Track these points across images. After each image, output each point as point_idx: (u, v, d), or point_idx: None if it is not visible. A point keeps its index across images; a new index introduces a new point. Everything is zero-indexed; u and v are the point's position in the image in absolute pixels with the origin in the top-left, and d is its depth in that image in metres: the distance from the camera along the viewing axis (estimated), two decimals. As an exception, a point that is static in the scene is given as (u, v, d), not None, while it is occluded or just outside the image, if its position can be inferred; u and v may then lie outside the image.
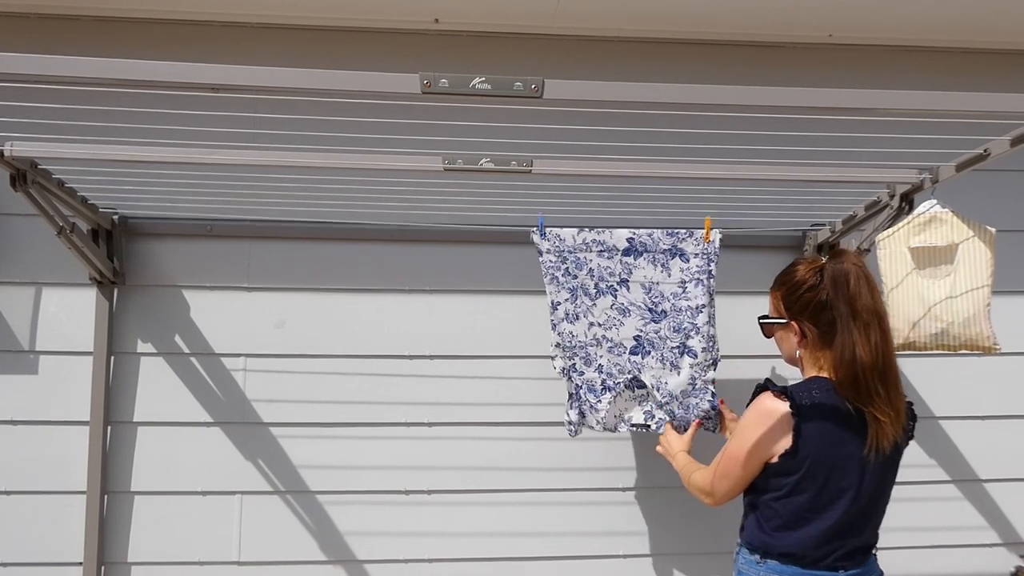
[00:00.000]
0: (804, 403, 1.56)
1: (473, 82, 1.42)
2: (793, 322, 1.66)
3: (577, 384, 2.21)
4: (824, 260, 1.65)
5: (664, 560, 2.49)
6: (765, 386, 1.66)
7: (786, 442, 1.56)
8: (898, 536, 2.55)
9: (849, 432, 1.57)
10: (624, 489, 2.49)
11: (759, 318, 1.81)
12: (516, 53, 2.54)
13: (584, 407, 2.22)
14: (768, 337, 1.79)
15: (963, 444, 2.60)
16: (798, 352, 1.69)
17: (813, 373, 1.66)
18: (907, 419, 1.68)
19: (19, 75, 1.36)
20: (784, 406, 1.57)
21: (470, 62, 2.50)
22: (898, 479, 2.55)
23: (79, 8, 2.41)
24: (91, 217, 2.23)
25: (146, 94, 1.57)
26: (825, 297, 1.59)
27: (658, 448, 2.12)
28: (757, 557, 1.62)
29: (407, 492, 2.45)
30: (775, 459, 1.58)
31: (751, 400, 1.68)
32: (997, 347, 1.90)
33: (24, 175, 1.88)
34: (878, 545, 1.70)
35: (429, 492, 2.46)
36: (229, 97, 1.46)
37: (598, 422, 2.20)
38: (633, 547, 2.48)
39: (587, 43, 2.56)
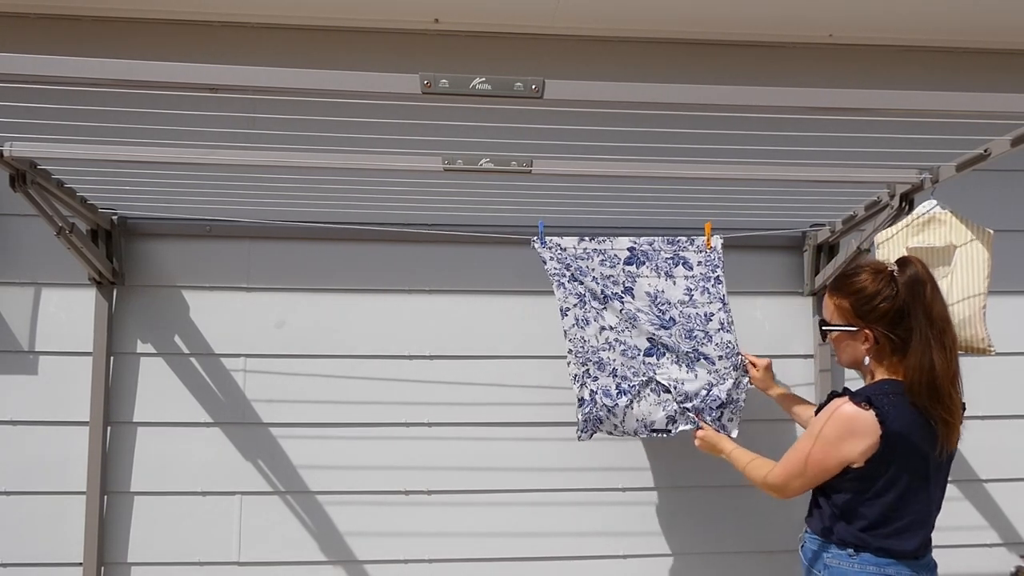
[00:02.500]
0: (887, 410, 1.60)
1: (473, 82, 1.41)
2: (867, 330, 1.68)
3: (592, 390, 2.15)
4: (889, 266, 1.68)
5: (664, 560, 2.49)
6: (842, 394, 1.69)
7: (872, 448, 1.60)
8: (898, 536, 2.55)
9: (922, 433, 1.62)
10: (624, 489, 2.49)
11: (820, 323, 1.81)
12: (516, 53, 2.53)
13: (601, 412, 2.16)
14: (825, 341, 1.81)
15: (963, 444, 2.56)
16: (867, 359, 1.71)
17: (882, 376, 1.69)
18: None
19: (19, 75, 1.37)
20: (869, 415, 1.60)
21: (470, 62, 2.50)
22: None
23: (79, 8, 2.40)
24: (90, 217, 2.23)
25: (145, 94, 1.56)
26: (903, 306, 1.63)
27: (698, 443, 2.10)
28: (851, 551, 1.65)
29: (407, 492, 2.45)
30: (861, 464, 1.62)
31: (824, 405, 1.72)
32: (992, 349, 1.91)
33: (24, 175, 1.88)
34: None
35: (429, 492, 2.46)
36: (229, 97, 1.46)
37: (616, 427, 2.15)
38: (633, 547, 2.48)
39: (587, 43, 2.56)
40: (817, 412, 1.76)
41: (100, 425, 2.33)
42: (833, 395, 1.73)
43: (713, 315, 2.19)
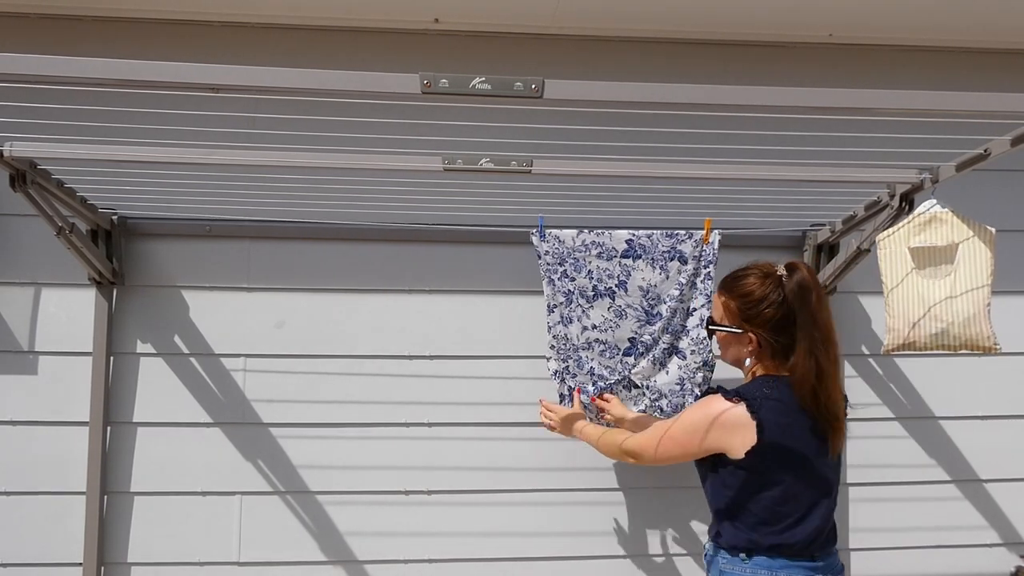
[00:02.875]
0: (760, 403, 1.60)
1: (473, 82, 1.41)
2: (751, 334, 1.67)
3: (570, 386, 2.22)
4: (776, 269, 1.67)
5: (664, 560, 2.49)
6: (717, 389, 1.68)
7: (748, 443, 1.59)
8: (898, 536, 2.55)
9: (803, 431, 1.61)
10: (623, 489, 2.49)
11: (707, 323, 1.81)
12: (516, 53, 2.53)
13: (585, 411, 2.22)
14: (710, 338, 1.81)
15: (963, 444, 2.60)
16: (748, 360, 1.71)
17: (761, 374, 1.69)
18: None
19: (19, 75, 1.36)
20: (739, 408, 1.60)
21: (470, 62, 2.50)
22: (898, 479, 2.58)
23: (79, 8, 2.40)
24: (90, 217, 2.23)
25: (146, 94, 1.56)
26: (788, 313, 1.62)
27: (545, 421, 2.15)
28: (743, 556, 1.63)
29: (407, 492, 2.45)
30: (741, 457, 1.60)
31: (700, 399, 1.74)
32: (997, 347, 1.90)
33: (23, 175, 1.88)
34: (878, 544, 1.73)
35: (429, 492, 2.46)
36: (229, 97, 1.46)
37: (591, 420, 2.21)
38: (633, 547, 2.48)
39: (587, 43, 2.56)
40: None
41: (100, 425, 2.33)
42: (708, 391, 1.72)
43: (695, 310, 2.21)
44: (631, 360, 2.22)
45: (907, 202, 2.05)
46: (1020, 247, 2.60)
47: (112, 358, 2.39)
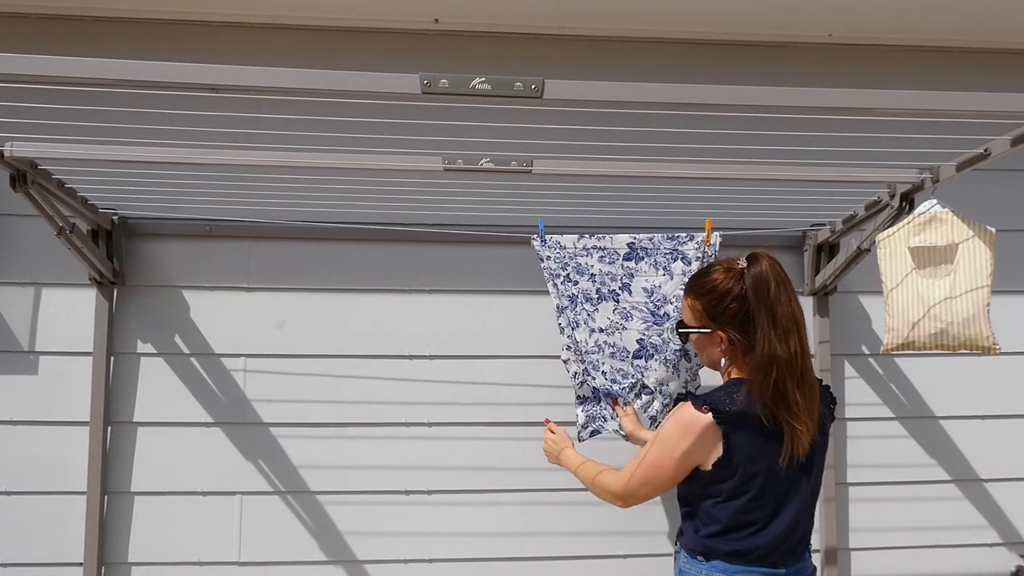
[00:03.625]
0: (728, 411, 1.55)
1: (473, 82, 1.41)
2: (719, 332, 1.63)
3: (594, 388, 2.20)
4: (740, 264, 1.62)
5: (664, 561, 2.49)
6: (686, 398, 1.65)
7: (717, 451, 1.56)
8: (898, 536, 2.55)
9: (770, 435, 1.56)
10: (624, 489, 2.49)
11: (677, 326, 1.76)
12: (516, 53, 2.54)
13: (606, 412, 2.20)
14: (685, 343, 1.77)
15: (963, 444, 2.60)
16: (723, 360, 1.67)
17: (735, 376, 1.64)
18: (828, 403, 1.70)
19: (19, 75, 1.37)
20: (707, 417, 1.55)
21: (470, 62, 2.50)
22: (898, 479, 2.58)
23: (79, 8, 2.41)
24: (91, 217, 2.23)
25: (146, 94, 1.57)
26: (751, 306, 1.57)
27: (545, 447, 2.04)
28: (700, 558, 1.61)
29: (407, 492, 2.45)
30: (708, 468, 1.57)
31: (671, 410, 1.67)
32: (996, 347, 1.90)
33: (24, 175, 1.88)
34: (878, 544, 1.70)
35: (429, 492, 2.46)
36: (229, 97, 1.46)
37: (616, 430, 2.19)
38: (633, 547, 2.48)
39: (587, 43, 2.56)
40: None
41: (100, 425, 2.33)
42: (679, 399, 1.68)
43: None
44: (642, 363, 2.20)
45: (907, 202, 2.05)
46: (1020, 247, 2.60)
47: (112, 358, 2.39)
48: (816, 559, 2.49)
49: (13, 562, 2.33)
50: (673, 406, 1.68)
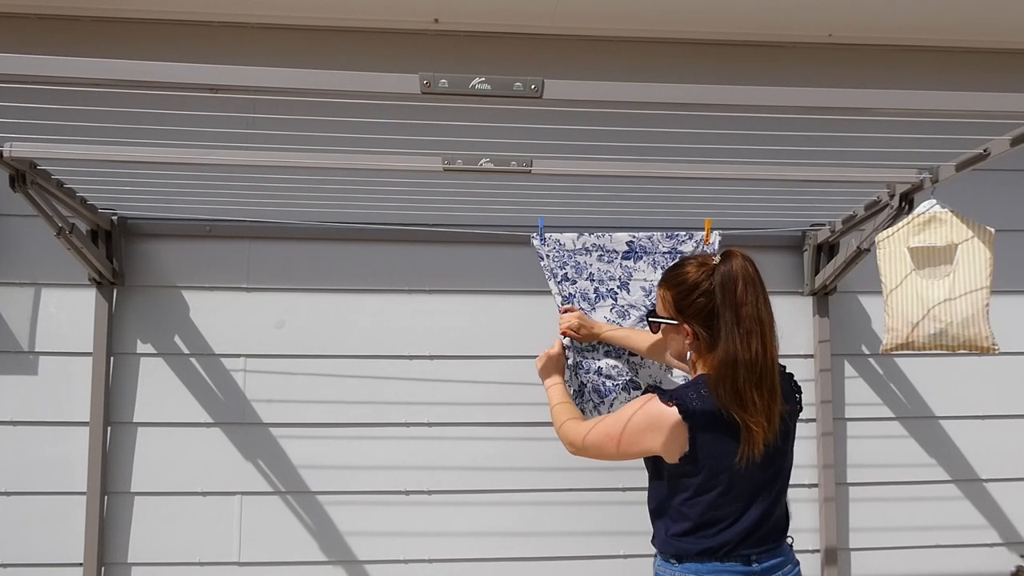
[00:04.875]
0: (694, 408, 1.54)
1: (473, 82, 1.41)
2: (685, 325, 1.63)
3: (582, 382, 2.21)
4: (715, 260, 1.61)
5: (664, 560, 2.49)
6: (654, 389, 1.63)
7: (682, 447, 1.55)
8: (898, 536, 2.55)
9: (734, 432, 1.55)
10: (624, 489, 2.49)
11: (647, 315, 1.77)
12: (516, 53, 2.53)
13: (587, 406, 2.22)
14: (655, 332, 1.77)
15: (963, 444, 2.59)
16: (689, 353, 1.66)
17: (702, 372, 1.63)
18: (793, 396, 1.67)
19: (19, 75, 1.36)
20: (673, 412, 1.54)
21: (470, 62, 2.50)
22: (899, 479, 2.58)
23: (79, 8, 2.40)
24: (90, 218, 2.23)
25: (145, 94, 1.57)
26: (716, 302, 1.56)
27: (537, 363, 2.02)
28: (673, 561, 1.60)
29: (407, 492, 2.45)
30: (675, 461, 1.57)
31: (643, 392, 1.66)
32: (996, 347, 1.90)
33: (23, 176, 1.88)
34: (878, 544, 1.69)
35: (429, 492, 2.46)
36: (229, 97, 1.46)
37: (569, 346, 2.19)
38: (633, 547, 2.48)
39: (587, 43, 2.56)
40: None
41: (100, 425, 2.33)
42: (648, 389, 1.65)
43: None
44: (637, 359, 2.22)
45: (907, 202, 2.05)
46: (1020, 247, 2.60)
47: (112, 358, 2.39)
48: (816, 559, 2.50)
49: (13, 562, 2.33)
50: (642, 394, 1.67)
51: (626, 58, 2.57)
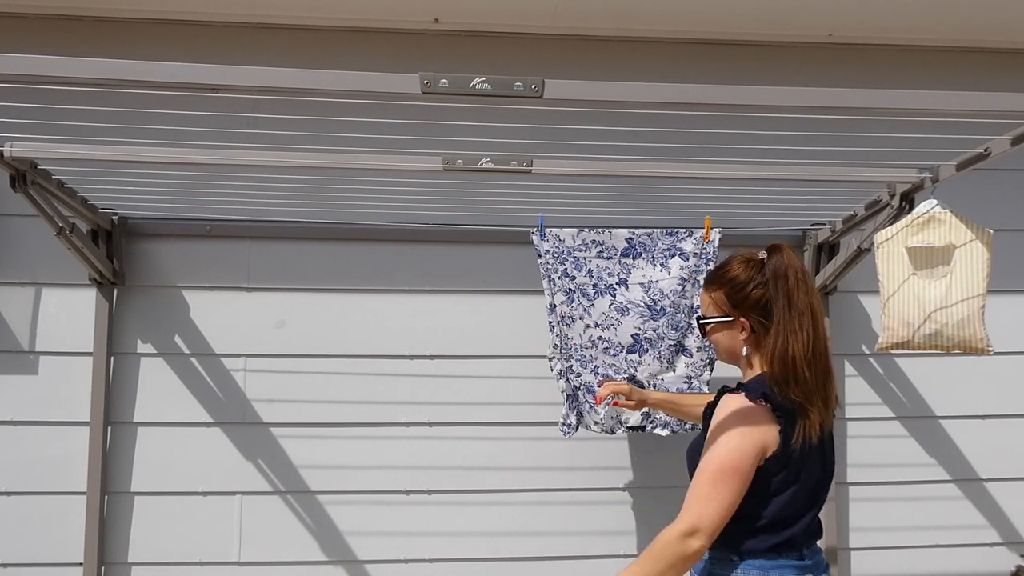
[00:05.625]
0: (780, 401, 1.54)
1: (473, 82, 1.41)
2: (742, 319, 1.64)
3: (575, 386, 2.22)
4: (758, 255, 1.65)
5: (664, 560, 2.49)
6: (735, 389, 1.61)
7: (773, 443, 1.54)
8: (898, 535, 2.55)
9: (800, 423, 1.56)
10: (624, 489, 2.49)
11: (697, 319, 1.76)
12: (516, 53, 2.54)
13: (583, 408, 2.23)
14: (704, 336, 1.77)
15: (963, 444, 2.60)
16: (744, 349, 1.66)
17: (760, 369, 1.64)
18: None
19: (19, 75, 1.36)
20: (765, 407, 1.54)
21: (470, 62, 2.50)
22: (898, 478, 2.58)
23: (79, 8, 2.40)
24: (91, 217, 2.23)
25: (146, 94, 1.57)
26: (770, 293, 1.59)
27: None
28: (735, 557, 1.58)
29: (407, 492, 2.45)
30: (762, 462, 1.54)
31: (716, 403, 1.62)
32: (990, 349, 1.90)
33: (24, 176, 1.88)
34: (877, 544, 1.68)
35: (429, 492, 2.46)
36: (229, 97, 1.46)
37: (596, 423, 2.21)
38: (633, 547, 2.48)
39: (587, 43, 2.56)
40: (707, 412, 1.65)
41: (100, 425, 2.33)
42: (724, 389, 1.64)
43: (699, 307, 2.21)
44: (635, 357, 2.22)
45: (907, 202, 2.05)
46: (1020, 247, 2.60)
47: (112, 358, 2.39)
48: (816, 559, 2.50)
49: (13, 562, 2.33)
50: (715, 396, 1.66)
51: (626, 58, 2.57)
